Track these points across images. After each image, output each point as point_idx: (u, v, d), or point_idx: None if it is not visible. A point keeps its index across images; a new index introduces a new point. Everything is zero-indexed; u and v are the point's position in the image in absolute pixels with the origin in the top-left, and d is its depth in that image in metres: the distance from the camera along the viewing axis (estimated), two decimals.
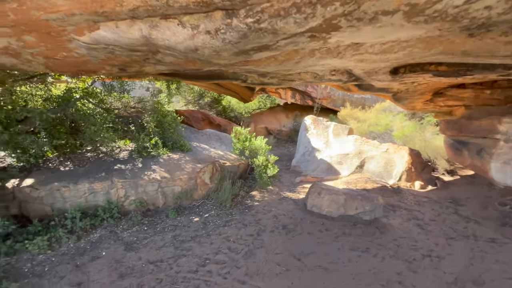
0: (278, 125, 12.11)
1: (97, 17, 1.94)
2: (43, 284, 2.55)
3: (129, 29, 2.06)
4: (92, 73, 3.16)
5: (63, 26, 2.08)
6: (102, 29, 2.10)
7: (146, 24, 2.00)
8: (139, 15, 1.89)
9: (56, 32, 2.17)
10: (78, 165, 4.19)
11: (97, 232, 3.53)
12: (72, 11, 1.88)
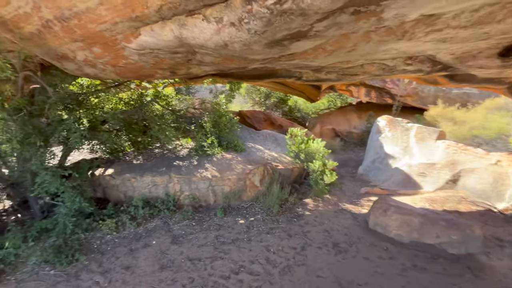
0: (348, 127, 10.96)
1: (134, 23, 2.05)
2: (103, 261, 2.95)
3: (162, 31, 2.10)
4: (150, 77, 3.49)
5: (114, 35, 2.31)
6: (143, 34, 2.22)
7: (175, 24, 1.98)
8: (166, 14, 1.88)
9: (111, 41, 2.43)
10: (147, 159, 4.78)
11: (154, 221, 3.90)
12: (114, 19, 2.04)
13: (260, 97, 14.66)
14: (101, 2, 1.83)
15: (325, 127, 11.12)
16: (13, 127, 2.92)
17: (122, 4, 1.81)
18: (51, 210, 3.67)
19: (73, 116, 3.35)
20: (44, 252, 2.83)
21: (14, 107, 2.90)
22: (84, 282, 2.60)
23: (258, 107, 14.93)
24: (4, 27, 2.33)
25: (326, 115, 12.42)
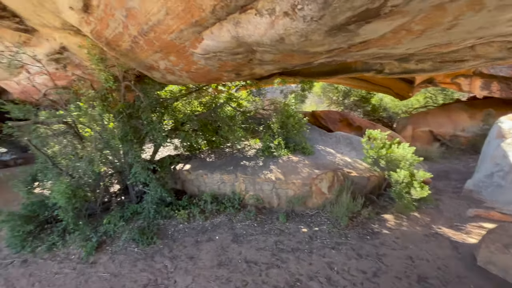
0: (452, 129, 8.77)
1: (196, 28, 2.14)
2: (173, 247, 3.30)
3: (220, 32, 2.11)
4: (218, 80, 3.67)
5: (182, 42, 2.50)
6: (205, 38, 2.31)
7: (230, 23, 1.96)
8: (221, 15, 1.87)
9: (181, 49, 2.65)
10: (218, 158, 5.12)
11: (220, 217, 4.11)
12: (179, 27, 2.19)
13: (337, 96, 13.62)
14: (167, 12, 1.99)
15: (419, 129, 9.26)
16: (116, 128, 3.64)
17: (182, 11, 1.92)
18: (143, 196, 4.40)
19: (158, 118, 3.90)
20: (132, 231, 3.40)
21: (117, 111, 3.61)
22: (157, 264, 2.95)
23: (335, 107, 13.91)
24: (108, 46, 2.89)
25: (421, 115, 10.33)
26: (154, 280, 2.68)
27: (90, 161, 3.65)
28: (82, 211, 3.71)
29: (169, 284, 2.62)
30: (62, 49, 3.41)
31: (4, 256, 3.18)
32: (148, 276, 2.74)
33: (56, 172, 3.85)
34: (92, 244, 3.20)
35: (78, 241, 3.28)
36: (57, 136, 4.05)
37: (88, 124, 3.71)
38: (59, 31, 2.97)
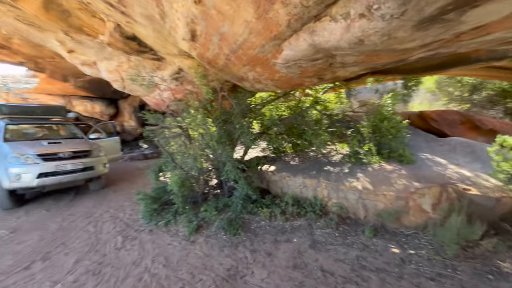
0: None
1: (275, 41, 2.31)
2: (254, 241, 3.60)
3: (297, 42, 2.19)
4: (300, 85, 3.72)
5: (265, 55, 2.73)
6: (284, 49, 2.45)
7: (306, 33, 2.00)
8: (296, 27, 1.95)
9: (265, 61, 2.90)
10: (302, 161, 5.15)
11: (300, 220, 4.14)
12: (261, 42, 2.41)
13: (461, 91, 10.79)
14: (250, 31, 2.25)
15: None
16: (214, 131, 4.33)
17: (262, 29, 2.11)
18: (233, 192, 5.01)
19: (246, 123, 4.35)
20: (223, 221, 3.95)
21: (215, 117, 4.28)
22: (239, 253, 3.32)
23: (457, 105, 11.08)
24: (209, 64, 3.50)
25: None
26: (235, 267, 3.03)
27: (195, 158, 4.50)
28: (188, 198, 4.61)
29: (247, 273, 2.91)
30: (179, 70, 4.40)
31: (140, 224, 4.39)
32: (231, 262, 3.13)
33: (173, 166, 4.94)
34: (193, 226, 3.94)
35: (184, 222, 4.12)
36: (175, 138, 5.20)
37: (195, 128, 4.59)
38: (177, 57, 3.85)
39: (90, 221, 4.64)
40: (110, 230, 4.22)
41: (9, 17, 4.50)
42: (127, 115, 14.46)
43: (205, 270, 3.00)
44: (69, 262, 3.30)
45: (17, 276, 3.05)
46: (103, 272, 3.04)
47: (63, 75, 10.61)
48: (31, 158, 5.21)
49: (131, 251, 3.51)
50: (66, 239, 3.97)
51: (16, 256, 3.51)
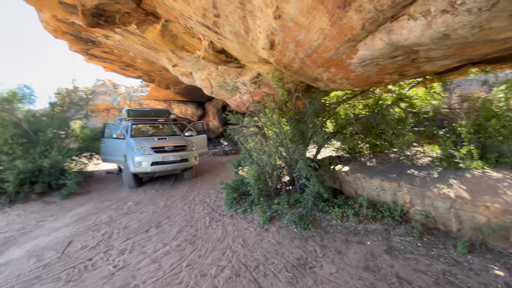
0: None
1: (349, 43, 2.37)
2: (324, 238, 3.68)
3: (373, 42, 2.19)
4: (379, 83, 3.54)
5: (340, 56, 2.80)
6: (360, 49, 2.47)
7: (382, 33, 2.00)
8: (371, 29, 1.98)
9: (339, 61, 2.96)
10: (380, 163, 4.82)
11: (375, 224, 3.95)
12: (335, 46, 2.52)
13: None
14: (324, 37, 2.39)
15: None
16: (288, 130, 4.60)
17: (336, 34, 2.22)
18: (304, 189, 5.17)
19: (319, 122, 4.43)
20: (294, 215, 4.19)
21: (289, 117, 4.55)
22: (309, 246, 3.49)
23: None
24: (285, 68, 3.78)
25: None
26: (305, 258, 3.22)
27: (270, 155, 4.89)
28: (263, 191, 5.06)
29: (316, 265, 3.06)
30: (258, 75, 4.86)
31: (223, 209, 5.11)
32: (301, 253, 3.33)
33: (250, 161, 5.50)
34: (267, 216, 4.33)
35: (259, 212, 4.57)
36: (252, 136, 5.76)
37: (270, 127, 4.98)
38: (256, 63, 4.30)
39: (185, 203, 5.70)
40: (200, 211, 5.11)
41: (137, 44, 6.02)
42: (212, 115, 16.49)
43: (277, 256, 3.32)
44: (173, 231, 4.23)
45: (141, 236, 4.14)
46: (196, 243, 3.78)
47: (166, 84, 13.07)
48: (148, 150, 6.79)
49: (216, 230, 4.19)
50: (170, 214, 5.05)
51: (139, 222, 4.73)
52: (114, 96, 21.66)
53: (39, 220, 5.11)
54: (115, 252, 3.63)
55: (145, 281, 2.92)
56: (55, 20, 6.17)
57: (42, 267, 3.35)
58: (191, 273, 3.02)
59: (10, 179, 5.87)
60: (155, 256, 3.46)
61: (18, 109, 7.29)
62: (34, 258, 3.60)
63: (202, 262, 3.24)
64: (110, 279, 2.99)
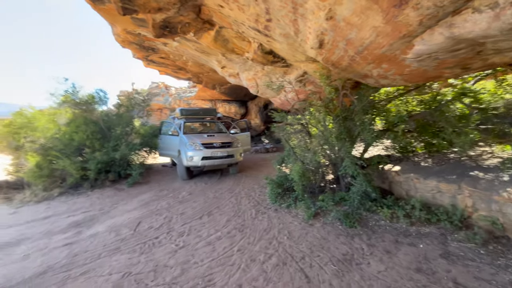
0: None
1: (404, 39, 2.34)
2: (371, 237, 3.62)
3: (432, 37, 2.14)
4: (437, 78, 3.32)
5: (393, 52, 2.75)
6: (416, 44, 2.42)
7: (442, 27, 1.95)
8: (429, 24, 1.95)
9: (392, 57, 2.90)
10: (436, 163, 4.48)
11: (429, 227, 3.72)
12: (389, 42, 2.50)
13: None
14: (377, 35, 2.40)
15: None
16: (334, 128, 4.60)
17: (391, 31, 2.22)
18: (350, 187, 5.09)
19: (368, 119, 4.33)
20: (339, 212, 4.20)
21: (335, 115, 4.54)
22: (355, 243, 3.49)
23: None
24: (333, 66, 3.81)
25: None
26: (351, 254, 3.25)
27: (314, 152, 4.95)
28: (307, 188, 5.15)
29: (363, 262, 3.07)
30: (304, 73, 4.94)
31: (267, 203, 5.35)
32: (347, 249, 3.36)
33: (294, 158, 5.62)
34: (311, 212, 4.42)
35: (303, 207, 4.68)
36: (296, 133, 5.86)
37: (315, 125, 5.03)
38: (303, 62, 4.40)
39: (232, 195, 6.11)
40: (246, 204, 5.44)
41: (192, 49, 6.62)
42: (254, 114, 16.94)
43: (322, 249, 3.41)
44: (223, 220, 4.62)
45: (196, 222, 4.63)
46: (245, 231, 4.09)
47: (212, 85, 13.89)
48: (198, 145, 7.42)
49: (262, 221, 4.44)
50: (219, 205, 5.49)
51: (193, 210, 5.27)
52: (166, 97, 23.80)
53: (113, 203, 6.06)
54: (175, 234, 4.16)
55: (203, 259, 3.31)
56: (125, 32, 7.16)
57: (120, 241, 4.04)
58: (241, 257, 3.32)
59: (92, 168, 7.06)
60: (209, 240, 3.87)
61: (95, 109, 8.65)
62: (113, 233, 4.35)
63: (251, 249, 3.52)
64: (174, 255, 3.47)
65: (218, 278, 2.89)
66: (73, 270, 3.28)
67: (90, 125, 7.86)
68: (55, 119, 8.36)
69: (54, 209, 5.81)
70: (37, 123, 8.18)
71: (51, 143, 7.61)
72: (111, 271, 3.19)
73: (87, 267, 3.34)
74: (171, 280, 2.90)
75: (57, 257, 3.65)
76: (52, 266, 3.41)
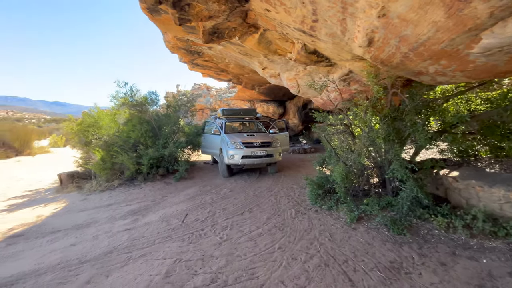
0: None
1: (470, 33, 2.14)
2: (423, 246, 3.36)
3: (504, 30, 1.93)
4: (508, 73, 2.93)
5: (454, 47, 2.54)
6: (483, 37, 2.20)
7: None
8: (502, 16, 1.76)
9: (453, 53, 2.67)
10: (505, 169, 3.95)
11: (495, 241, 3.30)
12: (450, 37, 2.32)
13: None
14: (437, 30, 2.24)
15: None
16: (381, 129, 4.37)
17: (453, 25, 2.06)
18: (398, 192, 4.77)
19: (421, 120, 4.01)
20: (385, 218, 3.98)
21: (383, 115, 4.30)
22: (404, 252, 3.29)
23: None
24: (382, 64, 3.64)
25: None
26: (399, 262, 3.08)
27: (359, 154, 4.76)
28: (349, 190, 4.98)
29: (413, 271, 2.88)
30: (349, 72, 4.78)
31: (307, 204, 5.32)
32: (394, 257, 3.19)
33: (335, 159, 5.48)
34: (354, 215, 4.28)
35: (345, 210, 4.55)
36: (338, 134, 5.70)
37: (360, 125, 4.84)
38: (349, 61, 4.26)
39: (271, 194, 6.21)
40: (285, 203, 5.48)
41: (235, 52, 6.90)
42: (292, 114, 16.82)
43: (367, 255, 3.29)
44: (263, 218, 4.75)
45: (237, 217, 4.84)
46: (285, 230, 4.15)
47: (252, 85, 14.19)
48: (239, 144, 7.69)
49: (302, 222, 4.44)
50: (259, 203, 5.64)
51: (235, 206, 5.50)
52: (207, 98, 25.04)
53: (163, 195, 6.66)
54: (219, 227, 4.41)
55: (246, 253, 3.47)
56: (175, 39, 7.78)
57: (171, 230, 4.44)
58: (283, 255, 3.39)
59: (145, 162, 7.84)
60: (251, 236, 4.02)
61: (148, 110, 9.56)
62: (165, 222, 4.80)
63: (292, 247, 3.57)
64: (218, 247, 3.71)
65: (261, 273, 3.01)
66: (133, 252, 3.73)
67: (144, 124, 8.72)
68: (115, 119, 9.49)
69: (115, 198, 6.62)
70: (102, 122, 9.37)
71: (113, 140, 8.65)
72: (165, 256, 3.55)
73: (144, 250, 3.76)
74: (217, 270, 3.11)
75: (119, 239, 4.18)
76: (117, 247, 3.92)
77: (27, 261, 3.63)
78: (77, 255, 3.73)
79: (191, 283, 2.86)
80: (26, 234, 4.64)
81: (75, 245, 4.09)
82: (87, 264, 3.44)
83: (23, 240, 4.39)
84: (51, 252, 3.87)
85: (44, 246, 4.12)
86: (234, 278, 2.92)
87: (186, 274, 3.05)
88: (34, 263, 3.56)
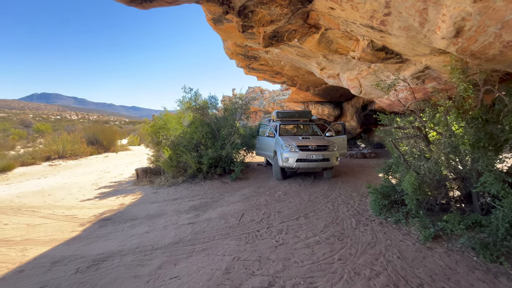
0: None
1: None
2: None
3: None
4: None
5: None
6: None
7: None
8: None
9: None
10: None
11: None
12: None
13: None
14: None
15: None
16: (468, 133, 3.68)
17: None
18: (490, 209, 3.95)
19: None
20: (473, 240, 3.34)
21: (472, 117, 3.62)
22: (501, 285, 2.68)
23: None
24: (472, 57, 3.07)
25: None
26: None
27: (436, 162, 4.12)
28: (422, 203, 4.36)
29: None
30: (425, 68, 4.20)
31: (369, 214, 4.87)
32: None
33: (404, 167, 4.87)
34: (430, 232, 3.71)
35: (417, 225, 4.00)
36: (408, 138, 5.05)
37: (438, 129, 4.19)
38: (426, 56, 3.74)
39: (328, 201, 5.91)
40: (344, 212, 5.14)
41: (292, 54, 6.85)
42: (349, 115, 15.78)
43: (448, 281, 2.80)
44: (320, 225, 4.54)
45: (292, 222, 4.76)
46: (345, 241, 3.88)
47: (306, 87, 13.88)
48: (294, 147, 7.58)
49: (365, 234, 4.08)
50: (315, 208, 5.43)
51: (289, 210, 5.43)
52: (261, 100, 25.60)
53: (220, 193, 7.04)
54: (275, 230, 4.41)
55: (303, 261, 3.37)
56: (234, 45, 8.18)
57: (228, 228, 4.65)
58: (343, 267, 3.16)
59: (205, 162, 8.45)
60: (307, 242, 3.89)
61: (208, 113, 10.29)
62: (223, 220, 5.05)
63: (354, 261, 3.30)
64: (274, 250, 3.70)
65: (320, 283, 2.86)
66: (196, 245, 4.03)
67: (205, 126, 9.41)
68: (181, 121, 10.51)
69: (179, 193, 7.31)
70: (170, 125, 10.50)
71: (178, 140, 9.60)
72: (224, 252, 3.72)
73: (206, 245, 4.02)
74: (274, 273, 3.10)
75: (184, 232, 4.57)
76: (182, 238, 4.30)
77: (113, 242, 4.30)
78: (150, 242, 4.23)
79: (249, 283, 2.92)
80: (112, 218, 5.51)
81: (148, 232, 4.65)
82: (159, 251, 3.87)
83: (111, 223, 5.22)
84: (131, 237, 4.49)
85: (126, 231, 4.81)
86: (291, 285, 2.85)
87: (244, 273, 3.13)
88: (118, 245, 4.18)
